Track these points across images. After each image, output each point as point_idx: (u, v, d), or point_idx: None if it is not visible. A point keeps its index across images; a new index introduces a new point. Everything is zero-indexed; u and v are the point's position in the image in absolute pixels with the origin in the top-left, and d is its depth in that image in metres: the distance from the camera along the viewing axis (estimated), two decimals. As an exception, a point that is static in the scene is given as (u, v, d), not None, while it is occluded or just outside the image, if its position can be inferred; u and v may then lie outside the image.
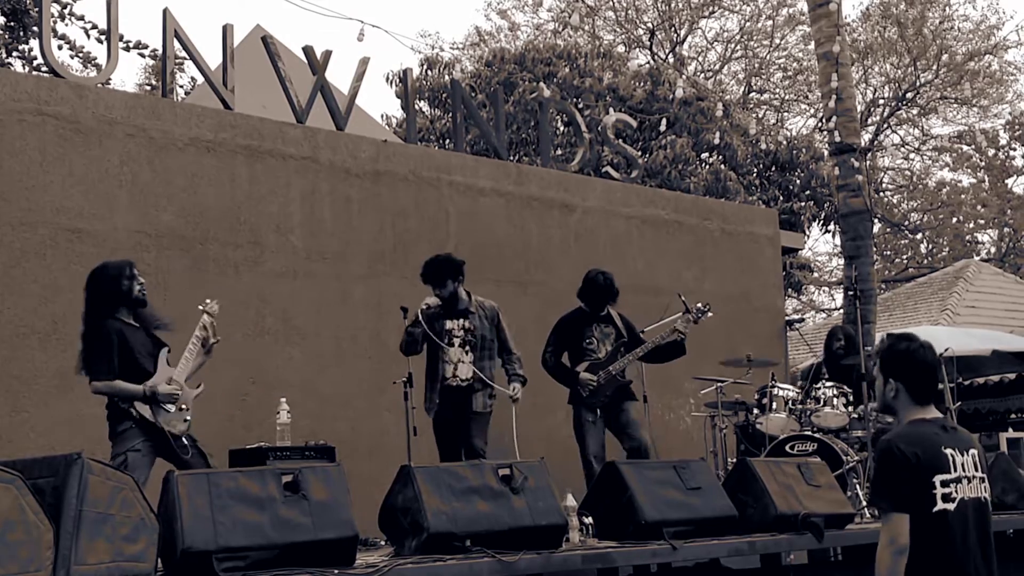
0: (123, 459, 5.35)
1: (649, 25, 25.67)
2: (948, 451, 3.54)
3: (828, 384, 8.33)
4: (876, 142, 27.85)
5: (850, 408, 8.19)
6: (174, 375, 5.61)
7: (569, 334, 7.39)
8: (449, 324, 6.80)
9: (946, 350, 8.04)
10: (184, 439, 5.54)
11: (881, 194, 28.56)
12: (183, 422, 5.57)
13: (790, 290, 19.56)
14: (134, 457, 5.37)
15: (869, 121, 27.26)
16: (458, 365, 6.78)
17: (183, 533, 4.32)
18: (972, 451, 3.63)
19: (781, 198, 18.67)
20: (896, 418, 3.73)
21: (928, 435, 3.55)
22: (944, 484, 3.50)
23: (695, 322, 7.43)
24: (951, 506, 3.50)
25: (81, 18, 13.76)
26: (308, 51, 8.53)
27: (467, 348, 6.81)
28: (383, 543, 5.79)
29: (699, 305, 7.44)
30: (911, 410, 3.64)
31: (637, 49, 25.23)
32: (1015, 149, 30.13)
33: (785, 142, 19.20)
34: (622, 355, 7.29)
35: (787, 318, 11.85)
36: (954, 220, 30.13)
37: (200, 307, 5.92)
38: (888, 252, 30.96)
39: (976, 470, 3.61)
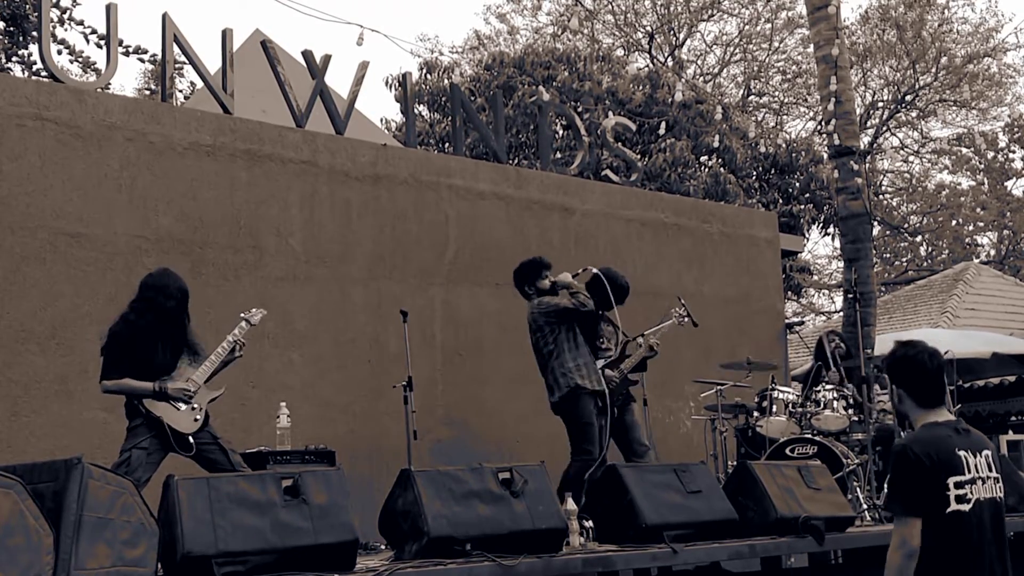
0: (127, 456, 5.42)
1: (648, 29, 25.69)
2: (961, 453, 3.61)
3: (828, 387, 8.32)
4: (875, 145, 27.85)
5: (850, 411, 8.18)
6: (194, 375, 5.63)
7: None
8: None
9: (946, 352, 8.00)
10: (190, 438, 5.55)
11: (880, 197, 28.55)
12: (193, 421, 5.58)
13: (790, 293, 19.55)
14: (137, 455, 5.41)
15: (868, 124, 27.27)
16: None
17: (183, 537, 4.32)
18: (985, 452, 3.69)
19: (780, 201, 18.68)
20: (908, 422, 3.82)
21: (942, 437, 3.62)
22: (958, 485, 3.55)
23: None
24: (966, 507, 3.55)
25: (80, 23, 13.80)
26: (307, 55, 8.53)
27: None
28: (383, 547, 5.79)
29: (679, 310, 7.53)
30: (920, 414, 3.73)
31: (636, 53, 25.25)
32: (1014, 151, 30.18)
33: (784, 145, 19.21)
34: (629, 355, 7.20)
35: (787, 321, 11.86)
36: (953, 223, 30.13)
37: (242, 314, 5.95)
38: (888, 255, 30.96)
39: (990, 471, 3.67)
